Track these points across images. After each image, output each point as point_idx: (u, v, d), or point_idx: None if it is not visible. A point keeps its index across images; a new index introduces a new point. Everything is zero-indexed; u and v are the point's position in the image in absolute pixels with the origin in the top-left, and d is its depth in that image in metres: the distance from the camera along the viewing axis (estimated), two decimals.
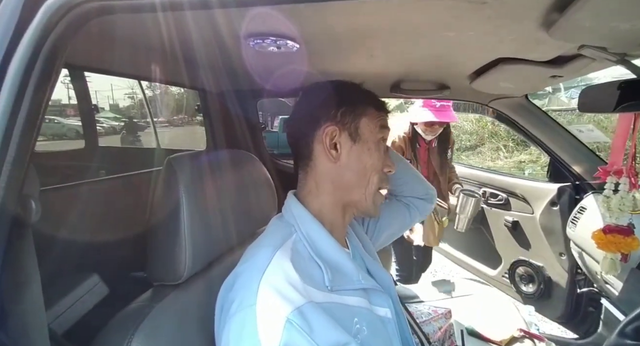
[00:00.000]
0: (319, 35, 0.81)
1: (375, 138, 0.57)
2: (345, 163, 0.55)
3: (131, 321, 0.42)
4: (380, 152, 0.58)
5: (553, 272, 1.60)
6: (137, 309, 0.45)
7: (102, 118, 7.97)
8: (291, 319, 0.39)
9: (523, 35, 0.67)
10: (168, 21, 0.71)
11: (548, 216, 1.57)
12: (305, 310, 0.41)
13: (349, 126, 0.55)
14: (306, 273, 0.46)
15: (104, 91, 7.23)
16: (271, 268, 0.44)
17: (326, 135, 0.54)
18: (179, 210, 0.46)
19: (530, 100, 1.34)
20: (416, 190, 0.84)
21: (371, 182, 0.56)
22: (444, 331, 1.08)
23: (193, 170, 0.50)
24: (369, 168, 0.56)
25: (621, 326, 0.55)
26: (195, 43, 0.90)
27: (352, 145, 0.55)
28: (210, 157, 0.59)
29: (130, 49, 0.89)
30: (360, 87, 0.61)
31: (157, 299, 0.46)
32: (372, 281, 0.57)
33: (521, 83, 1.05)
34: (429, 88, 1.36)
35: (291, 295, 0.41)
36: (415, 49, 0.93)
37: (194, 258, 0.48)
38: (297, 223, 0.53)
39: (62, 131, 5.71)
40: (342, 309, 0.47)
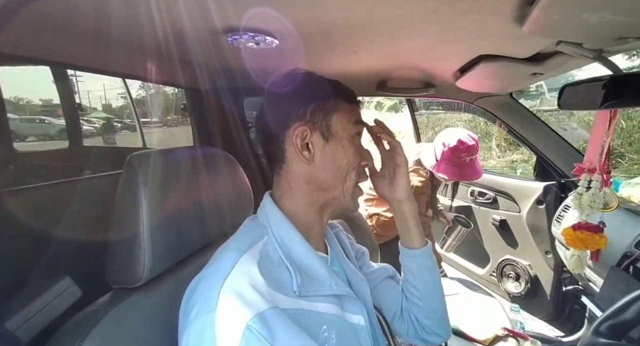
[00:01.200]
0: (299, 31, 0.79)
1: (348, 134, 0.54)
2: (319, 163, 0.53)
3: (81, 328, 0.40)
4: (355, 146, 0.55)
5: (539, 271, 1.61)
6: (89, 314, 0.43)
7: (93, 118, 7.88)
8: (251, 325, 0.38)
9: (500, 31, 0.66)
10: (149, 17, 0.69)
11: (534, 215, 1.58)
12: (268, 315, 0.39)
13: (320, 124, 0.52)
14: (273, 278, 0.44)
15: (95, 91, 7.14)
16: (235, 272, 0.42)
17: (296, 136, 0.51)
18: (138, 209, 0.44)
19: (515, 99, 1.34)
20: (429, 320, 0.65)
21: (348, 178, 0.54)
22: None
23: (155, 167, 0.48)
24: (344, 166, 0.54)
25: (596, 324, 0.55)
26: (179, 40, 0.88)
27: (325, 144, 0.53)
28: (179, 154, 0.57)
29: (113, 47, 0.87)
30: (328, 80, 0.57)
31: (114, 303, 0.44)
32: (346, 288, 0.54)
33: (504, 81, 1.05)
34: (415, 86, 1.35)
35: (253, 300, 0.40)
36: (397, 44, 0.92)
37: (154, 259, 0.46)
38: (269, 225, 0.51)
39: (48, 131, 5.63)
40: (310, 316, 0.46)
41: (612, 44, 0.57)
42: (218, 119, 1.63)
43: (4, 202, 0.87)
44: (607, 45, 0.60)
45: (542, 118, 1.40)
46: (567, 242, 0.80)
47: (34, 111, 5.94)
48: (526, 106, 1.41)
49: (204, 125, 1.63)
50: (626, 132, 5.34)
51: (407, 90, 1.37)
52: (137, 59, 1.02)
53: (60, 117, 6.79)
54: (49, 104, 7.77)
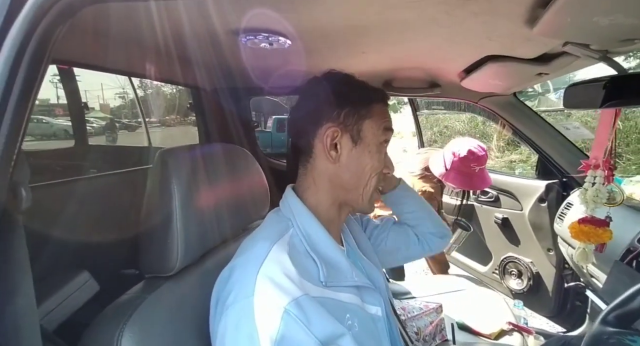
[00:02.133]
0: (311, 31, 0.81)
1: (377, 140, 0.56)
2: (344, 164, 0.54)
3: (122, 313, 0.42)
4: (381, 154, 0.57)
5: (541, 268, 1.63)
6: (128, 300, 0.45)
7: (91, 118, 7.82)
8: (289, 309, 0.40)
9: (510, 32, 0.69)
10: (161, 16, 0.71)
11: (536, 212, 1.60)
12: (302, 301, 0.41)
13: (352, 128, 0.54)
14: (302, 267, 0.46)
15: (95, 91, 7.11)
16: (268, 261, 0.44)
17: (327, 136, 0.53)
18: (172, 201, 0.47)
19: (519, 98, 1.37)
20: (430, 227, 0.80)
21: (369, 183, 0.56)
22: (434, 326, 1.09)
23: (185, 162, 0.50)
24: (368, 170, 0.55)
25: (603, 314, 0.57)
26: (187, 39, 0.90)
27: (353, 147, 0.54)
28: (203, 150, 0.59)
29: (122, 45, 0.88)
30: (366, 84, 0.59)
31: (149, 290, 0.46)
32: (365, 279, 0.56)
33: (509, 81, 1.07)
34: (420, 86, 1.38)
35: (288, 287, 0.42)
36: (405, 45, 0.94)
37: (186, 249, 0.48)
38: (294, 218, 0.53)
39: (51, 131, 5.60)
40: (335, 304, 0.48)
41: (619, 45, 0.60)
42: (224, 118, 1.65)
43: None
44: (613, 46, 0.63)
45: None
46: (572, 235, 0.83)
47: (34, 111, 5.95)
48: (530, 107, 1.44)
49: (209, 124, 1.65)
50: (623, 133, 5.40)
51: (413, 89, 1.39)
52: (152, 59, 1.04)
53: (58, 117, 6.74)
54: (46, 104, 7.70)
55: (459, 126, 7.60)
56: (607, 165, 0.75)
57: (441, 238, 0.81)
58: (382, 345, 0.54)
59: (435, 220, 0.82)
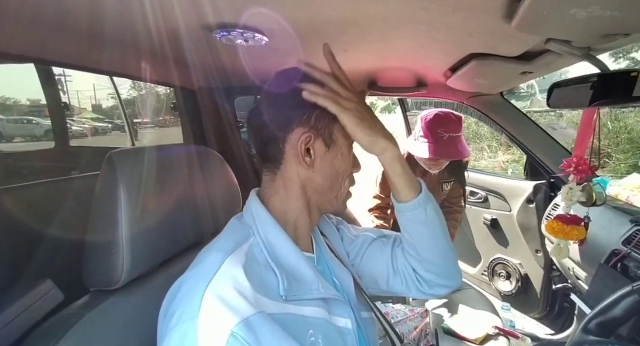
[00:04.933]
0: (288, 28, 0.78)
1: (348, 142, 0.54)
2: (318, 169, 0.52)
3: (55, 332, 0.38)
4: (351, 155, 0.56)
5: (529, 269, 1.62)
6: (64, 318, 0.41)
7: (82, 118, 7.73)
8: (235, 332, 0.36)
9: (490, 28, 0.66)
10: (138, 13, 0.67)
11: (524, 213, 1.59)
12: (254, 321, 0.38)
13: (323, 131, 0.52)
14: (259, 281, 0.43)
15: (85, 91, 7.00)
16: (219, 275, 0.41)
17: (300, 142, 0.50)
18: (117, 208, 0.43)
19: (506, 98, 1.35)
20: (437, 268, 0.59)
21: (343, 185, 0.55)
22: (419, 331, 1.07)
23: (136, 165, 0.47)
24: (341, 173, 0.54)
25: (584, 322, 0.55)
26: (166, 37, 0.86)
27: (327, 151, 0.52)
28: (162, 152, 0.55)
29: (102, 44, 0.84)
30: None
31: (91, 306, 0.42)
32: (333, 291, 0.53)
33: (494, 79, 1.05)
34: (406, 85, 1.35)
35: (238, 305, 0.38)
36: (388, 43, 0.92)
37: (133, 261, 0.44)
38: (255, 225, 0.49)
39: (35, 132, 5.51)
40: (297, 320, 0.45)
41: (600, 41, 0.58)
42: (208, 118, 1.61)
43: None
44: (594, 43, 0.60)
45: (532, 119, 1.42)
46: (545, 230, 0.82)
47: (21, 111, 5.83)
48: (517, 107, 1.42)
49: (193, 124, 1.61)
50: (613, 133, 5.46)
51: (399, 89, 1.37)
52: (125, 56, 1.00)
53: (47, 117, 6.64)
54: (37, 104, 7.57)
55: None
56: (581, 164, 0.73)
57: (446, 287, 0.62)
58: None
59: (442, 270, 0.60)
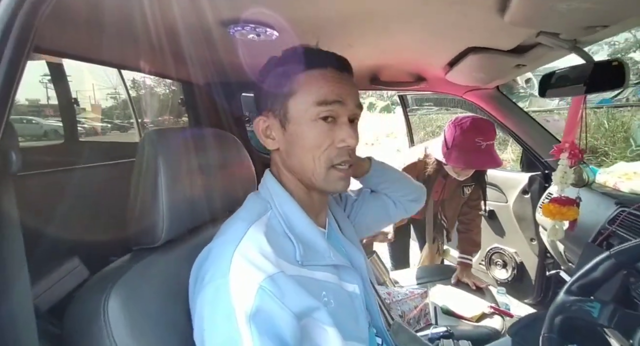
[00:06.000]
0: (297, 23, 0.83)
1: (309, 117, 0.51)
2: (284, 150, 0.54)
3: (110, 279, 0.44)
4: (318, 128, 0.52)
5: (525, 257, 1.68)
6: (115, 268, 0.47)
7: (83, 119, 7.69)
8: (263, 285, 0.41)
9: (485, 22, 0.72)
10: (152, 6, 0.72)
11: (520, 204, 1.66)
12: (277, 278, 0.43)
13: (279, 112, 0.53)
14: (279, 247, 0.48)
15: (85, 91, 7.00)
16: (245, 240, 0.45)
17: (257, 128, 0.55)
18: (158, 176, 0.49)
19: (502, 92, 1.41)
20: (407, 194, 0.81)
21: (317, 163, 0.53)
22: (419, 310, 1.13)
23: (171, 141, 0.53)
24: (308, 151, 0.52)
25: (568, 285, 0.61)
26: (176, 30, 0.90)
27: (284, 132, 0.53)
28: (191, 131, 0.61)
29: (113, 37, 0.89)
30: (290, 55, 0.55)
31: (135, 260, 0.49)
32: (343, 259, 0.58)
33: (491, 73, 1.11)
34: (407, 80, 1.41)
35: (263, 264, 0.43)
36: (390, 38, 0.98)
37: (171, 222, 0.50)
38: (272, 200, 0.54)
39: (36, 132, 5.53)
40: (311, 282, 0.49)
41: (583, 33, 0.64)
42: (215, 113, 1.66)
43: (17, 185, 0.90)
44: (579, 35, 0.67)
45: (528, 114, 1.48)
46: (543, 214, 0.88)
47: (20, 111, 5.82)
48: (512, 101, 1.48)
49: (200, 118, 1.67)
50: (610, 132, 5.53)
51: (400, 83, 1.43)
52: (141, 51, 1.05)
53: (48, 117, 6.60)
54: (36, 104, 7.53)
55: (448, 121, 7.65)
56: (572, 149, 0.80)
57: (416, 201, 0.83)
58: (358, 320, 0.56)
59: (410, 186, 0.83)
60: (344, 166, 0.54)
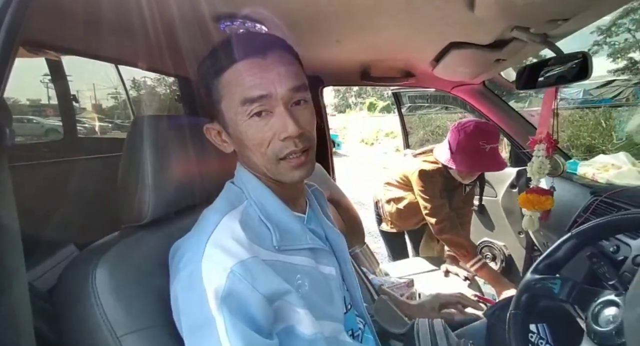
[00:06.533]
0: (285, 18, 0.87)
1: (241, 117, 0.50)
2: (238, 151, 0.56)
3: (98, 251, 0.48)
4: (255, 125, 0.50)
5: (513, 250, 1.72)
6: (104, 242, 0.51)
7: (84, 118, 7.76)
8: (234, 269, 0.43)
9: (459, 17, 0.76)
10: (147, 1, 0.75)
11: (508, 198, 1.69)
12: (249, 263, 0.45)
13: (218, 118, 0.53)
14: (254, 233, 0.49)
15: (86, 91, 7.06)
16: (218, 229, 0.47)
17: (210, 136, 0.56)
18: (144, 159, 0.52)
19: (488, 87, 1.45)
20: None
21: (265, 158, 0.52)
22: (405, 299, 1.17)
23: (159, 125, 0.56)
24: (254, 147, 0.51)
25: (534, 265, 0.64)
26: (171, 26, 0.93)
27: (228, 136, 0.54)
28: (179, 119, 0.65)
29: (108, 32, 0.91)
30: (208, 60, 0.52)
31: (123, 236, 0.52)
32: (319, 242, 0.59)
33: (473, 68, 1.15)
34: (397, 75, 1.45)
35: (236, 250, 0.45)
36: (377, 34, 1.01)
37: (156, 201, 0.53)
38: (246, 190, 0.55)
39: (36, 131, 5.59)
40: (286, 266, 0.51)
41: (549, 27, 0.67)
42: None
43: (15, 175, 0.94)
44: (547, 29, 0.70)
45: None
46: (520, 204, 0.91)
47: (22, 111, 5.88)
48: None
49: (196, 113, 1.70)
50: (606, 131, 5.57)
51: (389, 79, 1.46)
52: (134, 45, 1.08)
53: (49, 116, 6.64)
54: (37, 104, 7.53)
55: (451, 125, 7.69)
56: (549, 140, 0.83)
57: None
58: (333, 300, 0.58)
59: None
60: (293, 156, 0.51)
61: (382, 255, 2.98)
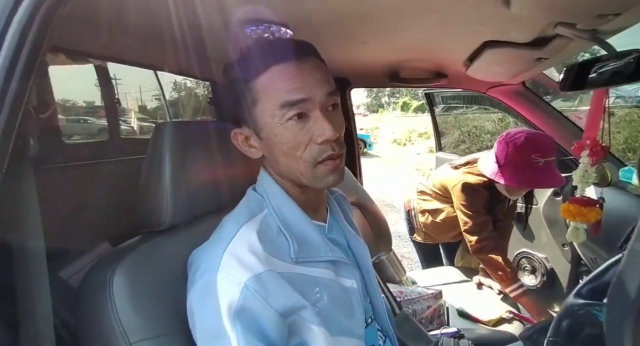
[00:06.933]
0: (309, 20, 0.85)
1: (278, 121, 0.49)
2: (268, 156, 0.54)
3: (117, 257, 0.49)
4: (292, 129, 0.49)
5: (556, 263, 1.59)
6: (123, 247, 0.52)
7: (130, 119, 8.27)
8: (248, 284, 0.43)
9: (494, 14, 0.70)
10: (180, 5, 0.76)
11: (551, 207, 1.56)
12: (265, 276, 0.44)
13: (250, 122, 0.52)
14: (271, 244, 0.48)
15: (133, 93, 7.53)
16: (235, 240, 0.47)
17: (237, 141, 0.55)
18: (164, 165, 0.53)
19: (529, 88, 1.34)
20: None
21: (300, 163, 0.51)
22: (432, 311, 1.11)
23: (180, 131, 0.57)
24: (289, 152, 0.50)
25: (578, 288, 0.57)
26: (199, 32, 0.96)
27: (260, 141, 0.53)
28: (199, 125, 0.66)
29: (141, 38, 0.96)
30: (243, 60, 0.51)
31: (142, 241, 0.54)
32: (340, 254, 0.57)
33: (511, 67, 1.07)
34: (427, 76, 1.39)
35: (251, 263, 0.45)
36: (405, 35, 0.97)
37: (175, 207, 0.54)
38: (267, 197, 0.54)
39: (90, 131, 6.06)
40: (304, 279, 0.50)
41: (598, 22, 0.60)
42: None
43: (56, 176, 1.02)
44: (596, 25, 0.63)
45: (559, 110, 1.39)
46: (562, 214, 0.83)
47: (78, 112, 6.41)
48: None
49: (228, 117, 1.73)
50: None
51: (420, 80, 1.41)
52: (168, 52, 1.12)
53: (101, 117, 7.15)
54: (92, 105, 8.18)
55: (490, 126, 7.30)
56: (595, 145, 0.75)
57: None
58: (354, 315, 0.56)
59: None
60: (330, 160, 0.51)
61: (414, 260, 2.89)
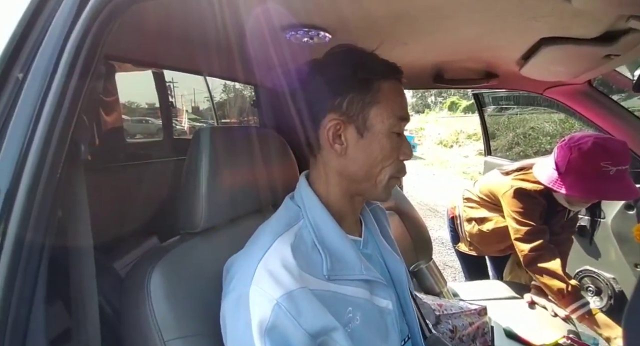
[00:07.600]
0: (348, 23, 0.84)
1: (387, 129, 0.51)
2: (352, 157, 0.52)
3: (156, 256, 0.52)
4: (392, 141, 0.52)
5: (626, 286, 1.40)
6: (162, 247, 0.56)
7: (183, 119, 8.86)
8: (280, 302, 0.42)
9: (551, 10, 0.64)
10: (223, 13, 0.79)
11: (622, 221, 1.38)
12: (297, 294, 0.43)
13: (356, 117, 0.51)
14: (305, 260, 0.48)
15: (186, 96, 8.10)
16: (270, 253, 0.47)
17: (329, 129, 0.50)
18: (200, 167, 0.56)
19: (595, 88, 1.19)
20: None
21: (382, 173, 0.53)
22: (475, 328, 1.03)
23: (217, 137, 0.60)
24: (379, 161, 0.52)
25: None
26: (245, 36, 0.98)
27: (360, 139, 0.51)
28: (236, 131, 0.68)
29: (186, 44, 1.00)
30: (371, 59, 0.53)
31: (180, 242, 0.57)
32: (375, 273, 0.55)
33: (573, 66, 0.96)
34: (475, 77, 1.30)
35: (284, 280, 0.44)
36: (448, 34, 0.92)
37: (209, 211, 0.56)
38: (304, 208, 0.53)
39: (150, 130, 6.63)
40: (337, 297, 0.48)
41: None
42: (283, 114, 1.75)
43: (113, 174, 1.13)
44: None
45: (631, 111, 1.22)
46: (635, 237, 0.72)
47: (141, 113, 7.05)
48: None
49: (271, 121, 1.78)
50: None
51: (467, 81, 1.32)
52: (215, 57, 1.18)
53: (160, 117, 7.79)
54: (153, 107, 8.95)
55: (550, 127, 6.65)
56: None
57: None
58: (388, 337, 0.54)
59: None
60: (398, 178, 0.55)
61: (457, 269, 2.71)
